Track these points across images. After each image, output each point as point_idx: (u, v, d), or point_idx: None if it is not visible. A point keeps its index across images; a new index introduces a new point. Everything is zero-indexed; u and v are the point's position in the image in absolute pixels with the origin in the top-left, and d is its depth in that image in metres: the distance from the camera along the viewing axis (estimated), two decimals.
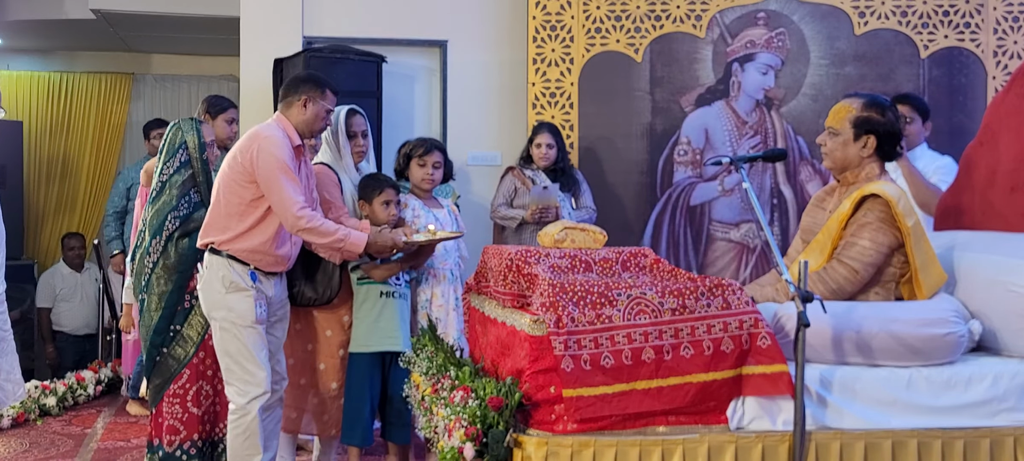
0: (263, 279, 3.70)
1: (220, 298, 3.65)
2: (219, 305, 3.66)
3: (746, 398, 2.67)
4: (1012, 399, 2.80)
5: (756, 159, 3.26)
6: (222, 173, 3.70)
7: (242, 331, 3.64)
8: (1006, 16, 5.98)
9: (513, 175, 5.40)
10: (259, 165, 3.57)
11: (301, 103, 3.74)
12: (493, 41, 6.29)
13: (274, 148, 3.59)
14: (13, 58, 8.37)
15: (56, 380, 5.99)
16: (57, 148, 8.35)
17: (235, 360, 3.66)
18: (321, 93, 3.76)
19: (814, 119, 5.98)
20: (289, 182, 3.57)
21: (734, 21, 6.08)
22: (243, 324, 3.63)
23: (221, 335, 3.68)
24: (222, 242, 3.65)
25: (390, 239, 3.80)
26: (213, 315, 3.70)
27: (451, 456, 2.56)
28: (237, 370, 3.66)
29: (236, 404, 3.67)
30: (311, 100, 3.74)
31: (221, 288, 3.64)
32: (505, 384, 2.66)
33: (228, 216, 3.65)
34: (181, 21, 7.10)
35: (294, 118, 3.75)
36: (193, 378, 4.05)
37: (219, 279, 3.65)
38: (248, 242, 3.65)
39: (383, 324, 3.99)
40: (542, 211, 5.15)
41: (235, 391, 3.67)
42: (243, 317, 3.63)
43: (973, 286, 3.12)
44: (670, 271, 2.98)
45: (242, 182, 3.62)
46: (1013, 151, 3.43)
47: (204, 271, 3.72)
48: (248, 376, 3.65)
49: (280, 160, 3.57)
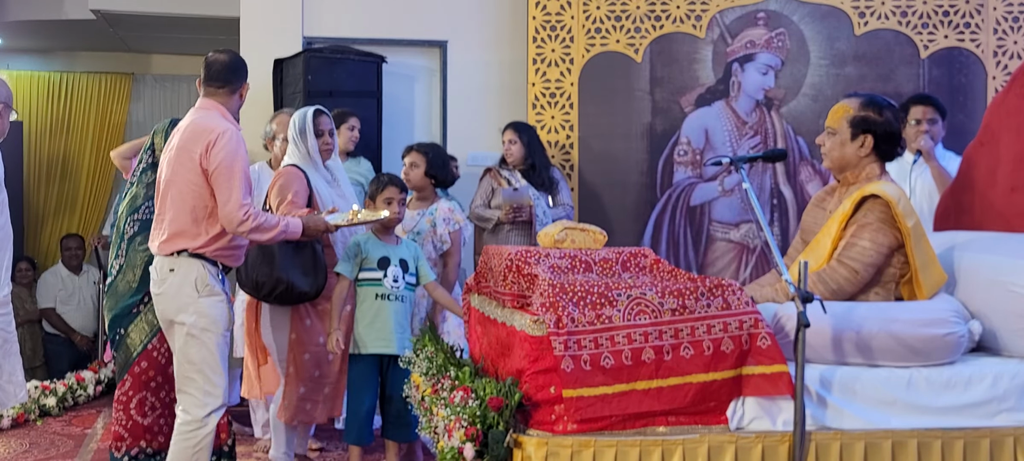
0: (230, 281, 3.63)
1: (191, 302, 3.47)
2: (189, 309, 3.47)
3: (746, 398, 2.67)
4: (1012, 399, 2.80)
5: (756, 159, 3.26)
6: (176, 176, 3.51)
7: (211, 338, 3.47)
8: (1006, 16, 5.98)
9: (490, 176, 5.40)
10: (212, 158, 3.43)
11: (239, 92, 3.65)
12: (493, 41, 6.29)
13: (231, 145, 3.46)
14: (13, 58, 8.37)
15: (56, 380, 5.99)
16: (57, 148, 8.35)
17: (199, 369, 3.47)
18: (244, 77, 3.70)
19: (814, 119, 5.98)
20: (242, 182, 3.45)
21: (734, 21, 6.08)
22: (214, 331, 3.48)
23: (187, 341, 3.47)
24: (195, 248, 3.49)
25: (322, 223, 3.79)
26: (180, 319, 3.48)
27: (451, 456, 2.56)
28: (199, 380, 3.47)
29: (192, 416, 3.46)
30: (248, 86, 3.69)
31: (193, 292, 3.47)
32: (505, 384, 2.66)
33: (197, 221, 3.49)
34: (181, 21, 7.10)
35: (232, 107, 3.62)
36: (135, 386, 3.95)
37: (192, 282, 3.47)
38: (221, 243, 3.53)
39: (378, 327, 4.01)
40: (516, 210, 5.17)
41: (193, 402, 3.47)
42: (216, 323, 3.49)
43: (973, 286, 3.12)
44: (670, 271, 2.98)
45: (202, 181, 3.47)
46: (1013, 151, 3.43)
47: (166, 274, 3.51)
48: (210, 387, 3.48)
49: (238, 158, 3.46)
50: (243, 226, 3.44)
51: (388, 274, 4.04)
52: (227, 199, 3.43)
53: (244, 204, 3.44)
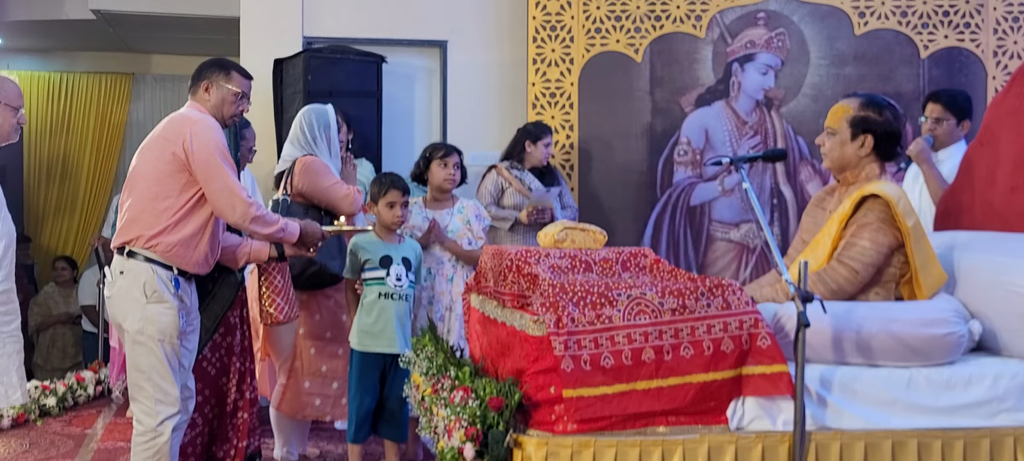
0: (184, 285, 3.41)
1: (138, 309, 3.32)
2: (136, 316, 3.33)
3: (746, 398, 2.67)
4: (1012, 399, 2.80)
5: (756, 159, 3.26)
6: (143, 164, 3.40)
7: (159, 346, 3.33)
8: (1006, 16, 5.98)
9: (498, 174, 5.39)
10: (195, 150, 3.29)
11: (203, 89, 3.50)
12: (493, 41, 6.29)
13: (210, 132, 3.35)
14: (13, 58, 8.37)
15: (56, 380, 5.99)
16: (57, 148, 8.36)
17: (148, 377, 3.34)
18: (225, 76, 3.51)
19: (814, 119, 5.98)
20: (231, 170, 3.35)
21: (734, 21, 6.09)
22: (162, 339, 3.33)
23: (134, 349, 3.35)
24: (148, 238, 3.32)
25: (319, 231, 3.71)
26: (127, 326, 3.36)
27: (451, 456, 2.56)
28: (148, 387, 3.34)
29: (144, 426, 3.35)
30: (214, 84, 3.49)
31: (141, 297, 3.32)
32: (505, 384, 2.66)
33: (157, 212, 3.33)
34: (181, 21, 7.11)
35: (203, 104, 3.50)
36: None
37: (140, 287, 3.32)
38: (177, 235, 3.34)
39: (380, 326, 4.01)
40: (539, 212, 5.17)
41: (143, 410, 3.36)
42: (163, 331, 3.33)
43: (973, 286, 3.12)
44: (670, 271, 2.98)
45: (171, 172, 3.33)
46: (1013, 151, 3.43)
47: (116, 278, 3.39)
48: (161, 394, 3.34)
49: (219, 145, 3.34)
50: (247, 213, 3.35)
51: (391, 273, 4.05)
52: (222, 186, 3.32)
53: (239, 193, 3.34)
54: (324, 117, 4.26)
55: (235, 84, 3.52)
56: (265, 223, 3.45)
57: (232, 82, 3.51)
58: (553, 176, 5.50)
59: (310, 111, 4.31)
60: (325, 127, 4.23)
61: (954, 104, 4.46)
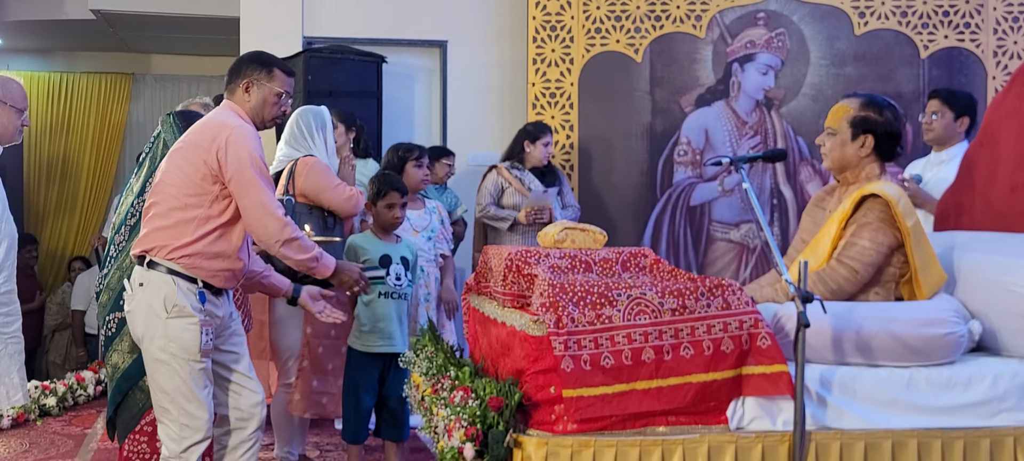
0: (212, 298, 3.12)
1: (159, 324, 3.03)
2: (157, 333, 3.04)
3: (746, 398, 2.67)
4: (1012, 399, 2.80)
5: (756, 159, 3.25)
6: (172, 168, 3.09)
7: (183, 365, 3.03)
8: (1006, 16, 5.98)
9: (498, 174, 5.40)
10: (229, 161, 2.99)
11: (243, 88, 3.16)
12: (493, 41, 6.29)
13: (247, 142, 3.03)
14: (13, 58, 8.38)
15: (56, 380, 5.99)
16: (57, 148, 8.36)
17: (172, 399, 3.05)
18: (267, 74, 3.17)
19: (814, 119, 5.98)
20: (268, 185, 3.06)
21: (734, 21, 6.09)
22: (185, 357, 3.03)
23: (155, 367, 3.07)
24: (171, 249, 3.03)
25: (356, 272, 3.39)
26: (146, 343, 3.08)
27: (451, 456, 2.55)
28: (173, 411, 3.06)
29: (169, 451, 3.08)
30: (255, 83, 3.15)
31: (161, 312, 3.02)
32: (505, 384, 2.66)
33: (183, 221, 3.04)
34: (181, 21, 7.11)
35: (240, 105, 3.17)
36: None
37: (161, 301, 3.02)
38: (203, 248, 3.05)
39: (381, 326, 4.01)
40: (538, 212, 5.18)
41: (168, 434, 3.08)
42: (186, 349, 3.03)
43: (973, 286, 3.12)
44: (670, 271, 2.98)
45: (201, 181, 3.04)
46: (1013, 151, 3.42)
47: (135, 290, 3.10)
48: (187, 418, 3.05)
49: (255, 156, 3.03)
50: (280, 234, 3.04)
51: (391, 272, 4.05)
52: (254, 203, 3.01)
53: (275, 211, 3.03)
54: (321, 117, 4.27)
55: (278, 83, 3.18)
56: (299, 248, 3.10)
57: (275, 81, 3.18)
58: (554, 176, 5.51)
59: (307, 111, 4.31)
60: (322, 127, 4.24)
61: (952, 100, 4.41)
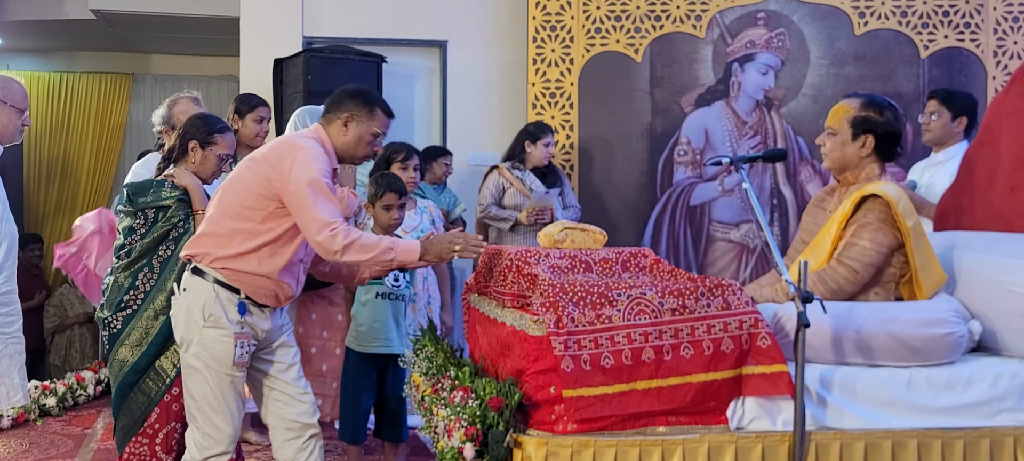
0: (254, 311, 3.10)
1: (195, 331, 3.04)
2: (193, 339, 3.06)
3: (746, 398, 2.67)
4: (1012, 399, 2.80)
5: (756, 159, 3.25)
6: (238, 177, 3.10)
7: (214, 375, 3.04)
8: (1006, 16, 5.98)
9: (499, 174, 5.40)
10: (292, 181, 2.95)
11: (342, 122, 3.12)
12: (493, 41, 6.30)
13: (311, 160, 2.98)
14: (13, 58, 8.38)
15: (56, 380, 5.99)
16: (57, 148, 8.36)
17: (199, 407, 3.07)
18: (368, 112, 3.14)
19: (814, 119, 5.98)
20: (325, 201, 2.96)
21: (734, 21, 6.09)
22: (217, 368, 3.04)
23: (189, 373, 3.09)
24: (215, 257, 3.04)
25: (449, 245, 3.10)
26: (183, 351, 3.11)
27: (451, 456, 2.56)
28: (199, 418, 3.08)
29: (191, 456, 3.10)
30: (355, 119, 3.12)
31: (199, 319, 3.03)
32: (505, 384, 2.66)
33: (232, 231, 3.03)
34: (181, 21, 7.11)
35: (334, 137, 3.13)
36: (163, 418, 3.41)
37: (199, 308, 3.04)
38: (249, 264, 3.04)
39: (378, 327, 4.00)
40: (539, 212, 5.18)
41: (193, 440, 3.11)
42: (218, 360, 3.03)
43: (973, 286, 3.12)
44: (670, 271, 2.98)
45: (260, 195, 3.02)
46: (1013, 151, 3.42)
47: (181, 294, 3.13)
48: (211, 429, 3.06)
49: (316, 177, 2.95)
50: (333, 244, 2.92)
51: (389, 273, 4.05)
52: (310, 219, 2.94)
53: (328, 222, 2.93)
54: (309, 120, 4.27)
55: (377, 123, 3.16)
56: (363, 248, 2.96)
57: (375, 120, 3.15)
58: (555, 176, 5.52)
59: (305, 112, 4.32)
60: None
61: (950, 100, 4.40)
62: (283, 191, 2.98)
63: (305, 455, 3.21)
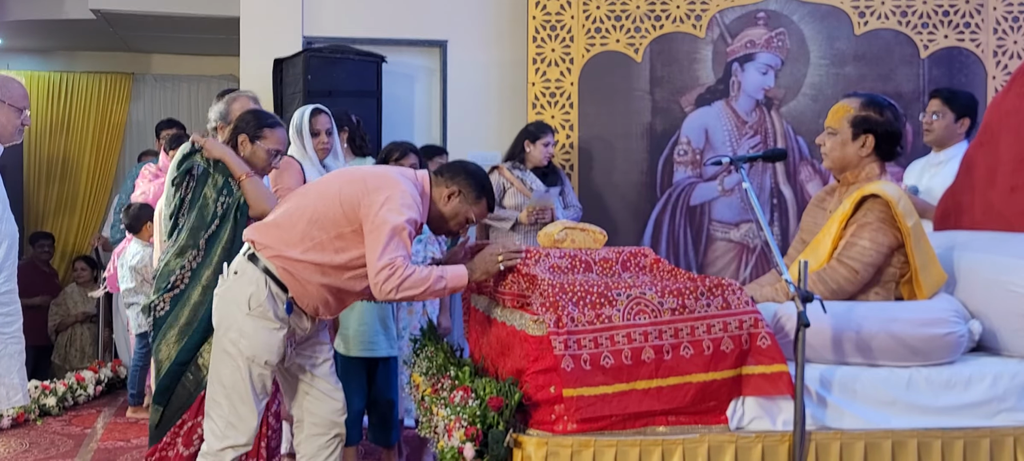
0: (299, 313, 3.10)
1: (238, 317, 3.01)
2: (232, 325, 3.02)
3: (746, 398, 2.67)
4: (1012, 399, 2.80)
5: (756, 159, 3.26)
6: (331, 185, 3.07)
7: (248, 364, 3.02)
8: (1006, 16, 5.98)
9: (500, 174, 5.41)
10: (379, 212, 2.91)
11: (449, 191, 3.07)
12: (493, 41, 6.29)
13: (404, 207, 2.92)
14: (13, 58, 8.38)
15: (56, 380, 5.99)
16: (57, 148, 8.36)
17: (227, 394, 3.04)
18: (476, 198, 3.08)
19: (814, 119, 5.98)
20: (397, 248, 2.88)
21: (734, 21, 6.08)
22: (252, 357, 3.02)
23: (221, 358, 3.06)
24: (275, 253, 3.00)
25: (492, 258, 2.99)
26: (219, 335, 3.08)
27: (451, 456, 2.56)
28: (225, 405, 3.04)
29: (208, 446, 3.08)
30: (461, 197, 3.07)
31: (244, 306, 3.00)
32: (505, 384, 2.66)
33: (301, 234, 3.00)
34: (181, 21, 7.11)
35: (435, 198, 3.09)
36: (193, 412, 3.43)
37: (246, 296, 3.00)
38: (303, 273, 3.00)
39: (364, 330, 3.99)
40: (540, 212, 5.18)
41: (211, 430, 3.07)
42: (256, 351, 3.01)
43: (973, 286, 3.12)
44: (670, 271, 2.98)
45: (343, 213, 2.97)
46: (1013, 151, 3.42)
47: (230, 277, 3.08)
48: (235, 418, 3.03)
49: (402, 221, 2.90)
50: (385, 287, 2.87)
51: None
52: (375, 257, 2.89)
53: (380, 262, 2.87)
54: (297, 119, 4.27)
55: (477, 211, 3.12)
56: (416, 284, 2.89)
57: (478, 208, 3.11)
58: (556, 175, 5.51)
59: (294, 114, 4.34)
60: (297, 130, 4.26)
61: (953, 100, 4.39)
62: (366, 217, 2.93)
63: (326, 453, 3.24)
